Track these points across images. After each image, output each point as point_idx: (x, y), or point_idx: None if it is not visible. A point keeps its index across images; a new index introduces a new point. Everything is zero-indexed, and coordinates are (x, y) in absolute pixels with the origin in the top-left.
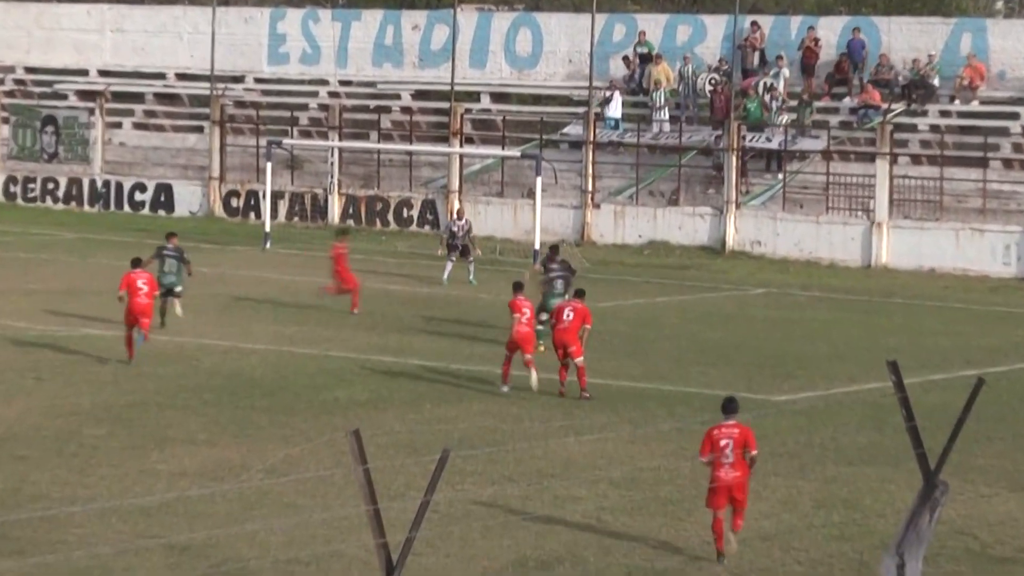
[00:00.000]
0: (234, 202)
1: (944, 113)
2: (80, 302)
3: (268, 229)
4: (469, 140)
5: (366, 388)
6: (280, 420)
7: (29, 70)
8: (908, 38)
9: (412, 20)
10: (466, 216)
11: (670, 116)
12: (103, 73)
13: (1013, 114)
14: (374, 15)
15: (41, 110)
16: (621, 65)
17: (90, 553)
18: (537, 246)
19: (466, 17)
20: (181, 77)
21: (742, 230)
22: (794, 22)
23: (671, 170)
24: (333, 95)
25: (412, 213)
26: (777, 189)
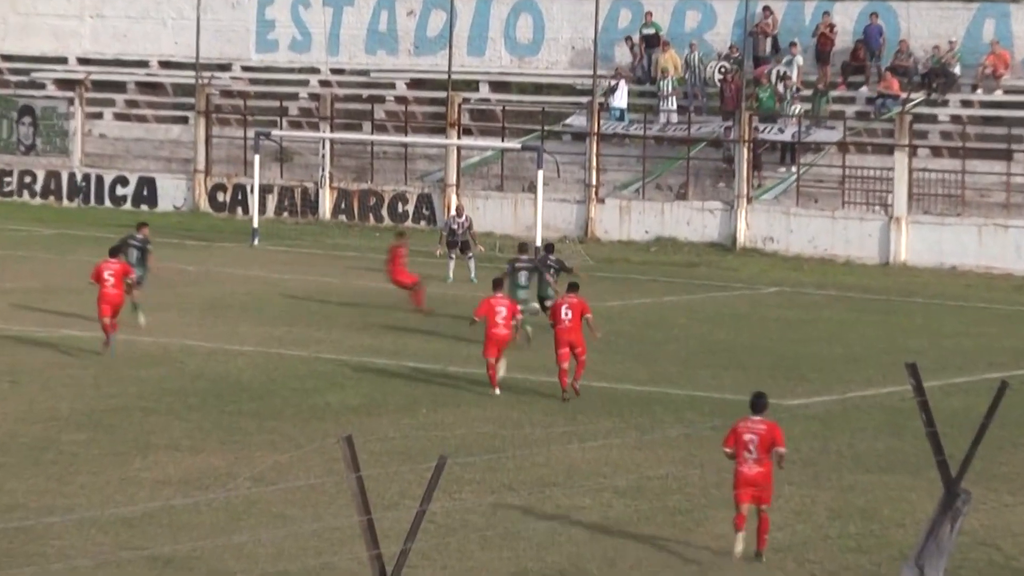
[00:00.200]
0: (220, 196)
1: (966, 103)
2: (58, 301)
3: (256, 225)
4: (467, 131)
5: (359, 392)
6: (268, 426)
7: (5, 58)
8: (928, 24)
9: (407, 5)
10: (466, 213)
11: (678, 106)
12: (83, 61)
13: None
14: (367, 0)
15: (17, 100)
16: (626, 52)
17: (69, 566)
18: (539, 243)
19: (464, 2)
20: (165, 65)
21: (754, 226)
22: (808, 7)
23: (679, 163)
24: (324, 84)
25: (407, 208)
26: (790, 183)
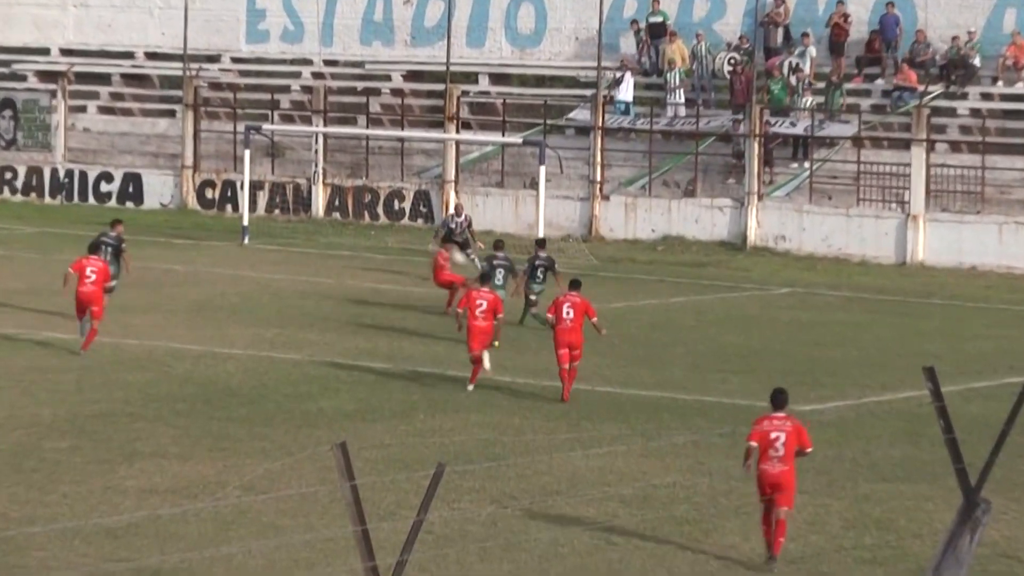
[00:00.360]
0: (209, 193)
1: (986, 96)
2: (40, 302)
3: (246, 223)
4: (466, 126)
5: (353, 397)
6: (259, 432)
7: None
8: (947, 13)
9: None
10: (465, 212)
11: (686, 99)
12: (65, 52)
13: None
14: None
15: None
16: (632, 44)
17: None
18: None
19: None
20: (151, 56)
21: (765, 224)
22: None
23: (687, 158)
24: (317, 76)
25: (404, 205)
26: (803, 179)
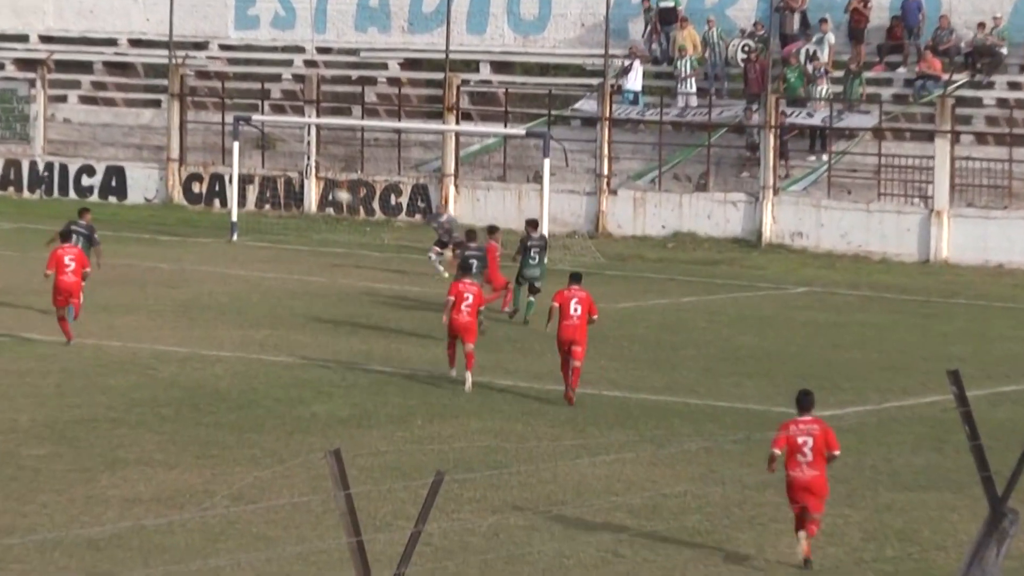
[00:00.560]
0: (196, 187)
1: (1013, 85)
2: (18, 302)
3: (235, 218)
4: (466, 116)
5: (348, 402)
6: (248, 439)
7: None
8: None
9: None
10: (448, 213)
11: (697, 89)
12: (45, 39)
13: None
14: None
15: None
16: (641, 30)
17: None
18: (545, 235)
19: None
20: (135, 43)
21: (781, 220)
22: None
23: (699, 151)
24: (310, 64)
25: (401, 200)
26: (821, 172)
